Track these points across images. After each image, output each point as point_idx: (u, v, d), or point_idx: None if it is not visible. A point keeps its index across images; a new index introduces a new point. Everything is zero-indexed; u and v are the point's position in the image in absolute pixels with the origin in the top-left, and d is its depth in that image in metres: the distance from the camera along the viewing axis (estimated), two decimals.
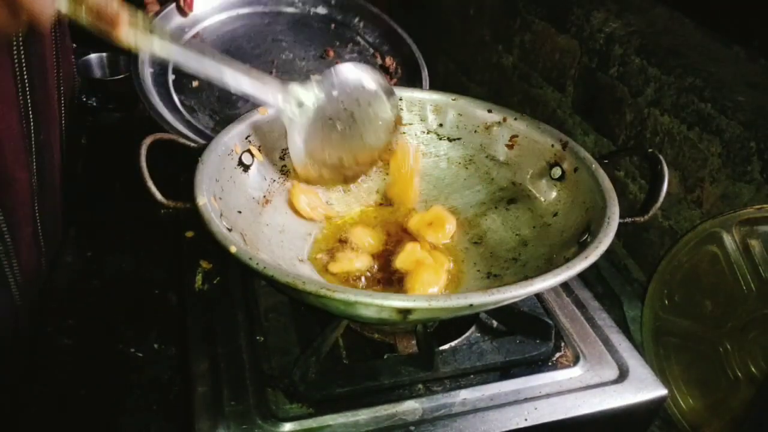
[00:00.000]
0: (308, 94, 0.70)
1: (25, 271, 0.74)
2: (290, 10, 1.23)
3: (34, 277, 0.78)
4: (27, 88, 0.70)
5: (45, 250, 0.80)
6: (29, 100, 0.71)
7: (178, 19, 1.07)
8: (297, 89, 0.70)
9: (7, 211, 0.70)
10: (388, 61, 1.17)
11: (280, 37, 1.15)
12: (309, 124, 0.70)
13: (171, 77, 1.01)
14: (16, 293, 0.74)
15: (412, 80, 1.12)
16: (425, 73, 1.10)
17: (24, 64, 0.69)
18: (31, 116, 0.72)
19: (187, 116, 0.95)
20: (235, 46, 1.09)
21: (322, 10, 1.24)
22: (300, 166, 0.73)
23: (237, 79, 0.67)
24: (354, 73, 0.71)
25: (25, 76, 0.70)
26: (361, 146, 0.75)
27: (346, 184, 0.81)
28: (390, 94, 0.76)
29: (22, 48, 0.68)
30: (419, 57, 1.14)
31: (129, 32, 0.60)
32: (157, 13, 1.05)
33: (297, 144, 0.71)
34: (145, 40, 0.62)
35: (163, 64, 1.02)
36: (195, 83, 1.01)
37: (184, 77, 1.02)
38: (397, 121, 0.78)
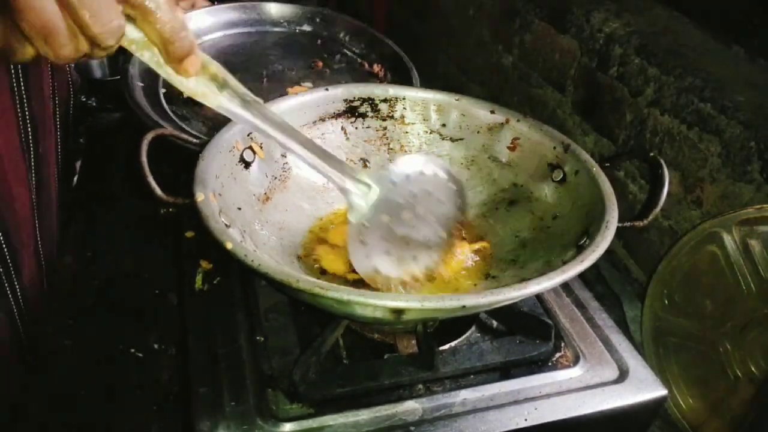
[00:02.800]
0: (378, 180, 0.65)
1: (26, 294, 0.73)
2: (276, 29, 1.27)
3: (36, 297, 0.77)
4: (24, 100, 0.69)
5: (45, 269, 0.80)
6: (27, 113, 0.70)
7: None
8: (366, 176, 0.64)
9: (10, 231, 0.68)
10: (376, 67, 1.19)
11: (269, 52, 1.19)
12: (373, 215, 0.65)
13: (162, 90, 1.01)
14: (17, 319, 0.73)
15: (401, 83, 1.13)
16: (414, 73, 1.12)
17: (20, 75, 0.67)
18: (29, 129, 0.71)
19: (180, 123, 0.96)
20: (224, 61, 1.10)
21: (307, 27, 1.28)
22: (361, 268, 0.67)
23: (308, 157, 0.61)
24: (427, 166, 0.67)
25: (22, 87, 0.68)
26: (421, 245, 0.68)
27: (404, 288, 0.70)
28: (460, 192, 0.70)
29: None
30: (407, 61, 1.16)
31: (196, 81, 0.53)
32: None
33: (358, 230, 0.65)
34: (212, 96, 0.55)
35: (153, 78, 1.02)
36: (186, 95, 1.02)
37: (174, 90, 1.02)
38: (464, 222, 0.71)
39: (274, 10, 1.27)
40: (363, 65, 1.20)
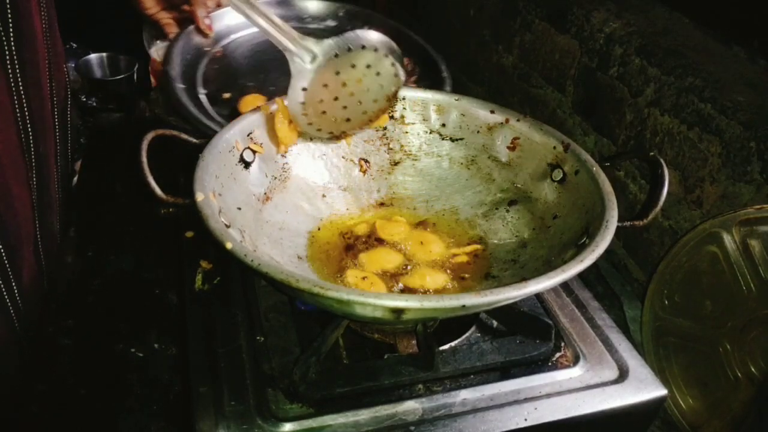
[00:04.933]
0: (322, 50, 0.72)
1: (26, 293, 0.72)
2: (302, 26, 1.27)
3: (36, 298, 0.76)
4: (23, 98, 0.68)
5: (45, 269, 0.79)
6: (26, 111, 0.69)
7: (198, 39, 1.08)
8: (312, 42, 0.72)
9: (10, 231, 0.67)
10: (404, 60, 1.18)
11: None
12: (315, 77, 0.72)
13: (203, 92, 1.02)
14: (14, 318, 0.72)
15: (429, 76, 1.13)
16: (443, 65, 1.12)
17: (18, 72, 0.67)
18: (29, 128, 0.70)
19: (225, 123, 0.96)
20: (256, 59, 1.12)
21: (331, 23, 1.29)
22: (294, 113, 0.75)
23: (261, 22, 0.71)
24: (371, 40, 0.73)
25: (20, 85, 0.67)
26: (357, 109, 0.77)
27: (331, 140, 0.83)
28: (400, 66, 0.77)
29: (15, 54, 0.66)
30: (433, 53, 1.16)
31: None
32: (177, 36, 1.06)
33: (297, 93, 0.73)
34: None
35: (191, 80, 1.03)
36: (226, 95, 1.02)
37: (214, 91, 1.03)
38: (396, 94, 0.79)
39: (299, 6, 1.28)
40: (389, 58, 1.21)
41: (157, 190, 0.64)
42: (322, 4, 1.29)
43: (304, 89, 0.72)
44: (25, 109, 0.69)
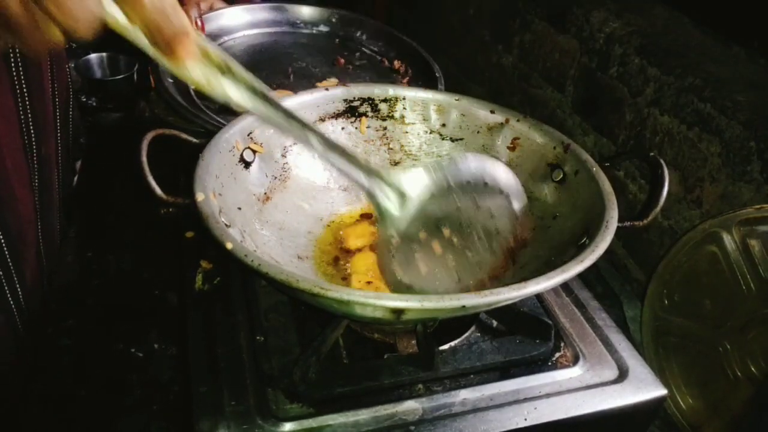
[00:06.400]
0: (413, 184, 0.55)
1: (29, 295, 0.73)
2: (294, 30, 1.29)
3: (38, 299, 0.77)
4: (26, 99, 0.68)
5: (46, 270, 0.79)
6: (29, 112, 0.69)
7: None
8: (398, 175, 0.55)
9: (13, 233, 0.67)
10: (396, 63, 1.21)
11: (290, 51, 1.24)
12: (407, 222, 0.55)
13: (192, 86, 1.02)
14: (17, 319, 0.72)
15: (422, 78, 1.14)
16: (436, 67, 1.14)
17: (22, 74, 0.67)
18: (32, 129, 0.70)
19: (216, 117, 0.96)
20: (249, 57, 1.14)
21: (324, 28, 1.32)
22: (392, 283, 0.58)
23: (326, 151, 0.54)
24: (478, 167, 0.57)
25: (24, 87, 0.67)
26: (465, 261, 0.59)
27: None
28: (520, 201, 0.59)
29: (18, 55, 0.67)
30: (427, 56, 1.17)
31: (196, 66, 0.45)
32: None
33: (388, 243, 0.56)
34: (217, 85, 0.47)
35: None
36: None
37: None
38: (522, 236, 0.60)
39: (292, 11, 1.30)
40: (383, 62, 1.23)
41: (157, 190, 0.64)
42: (315, 9, 1.31)
43: (398, 239, 0.57)
44: (29, 111, 0.69)
